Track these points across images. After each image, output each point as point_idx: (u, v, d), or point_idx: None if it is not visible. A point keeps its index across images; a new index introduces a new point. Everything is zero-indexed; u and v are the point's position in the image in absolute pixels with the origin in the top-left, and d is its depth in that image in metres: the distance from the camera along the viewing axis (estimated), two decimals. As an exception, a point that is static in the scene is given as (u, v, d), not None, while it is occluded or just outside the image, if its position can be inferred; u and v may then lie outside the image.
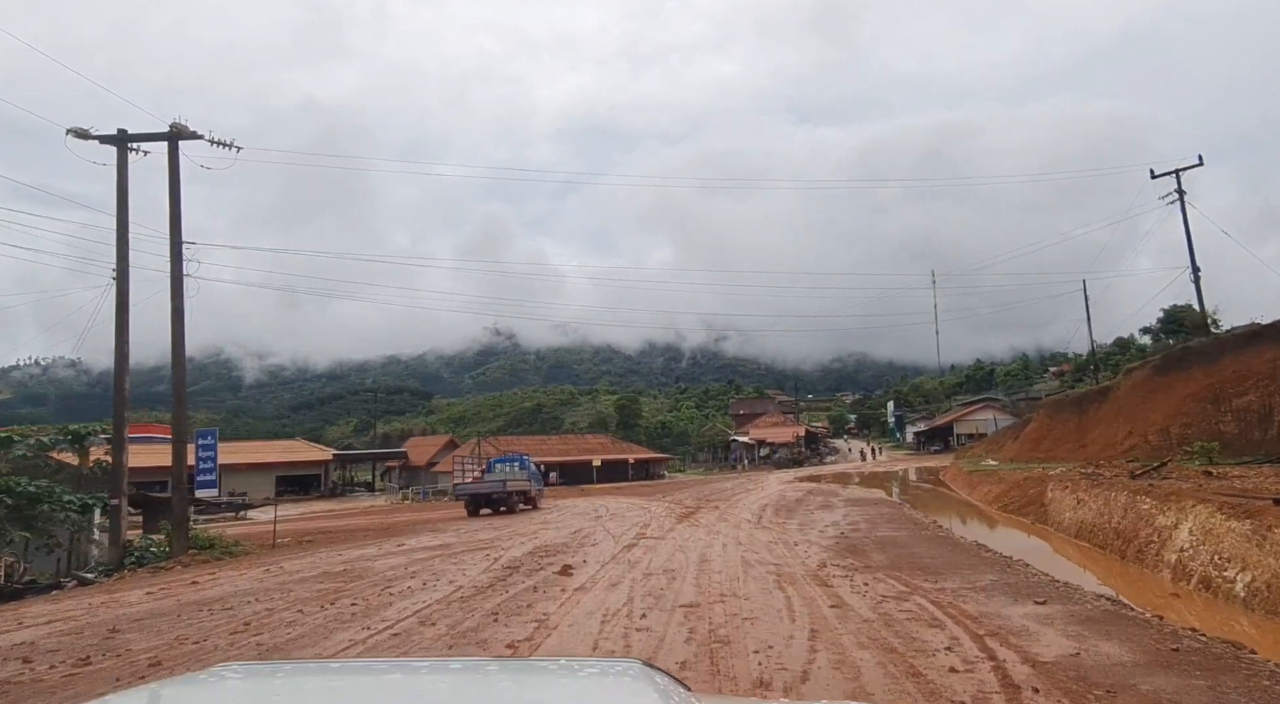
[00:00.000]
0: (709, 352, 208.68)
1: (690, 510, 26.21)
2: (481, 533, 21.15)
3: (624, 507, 29.04)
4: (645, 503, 31.14)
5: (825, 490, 36.34)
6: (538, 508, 30.22)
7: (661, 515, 24.58)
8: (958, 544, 16.24)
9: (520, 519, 25.75)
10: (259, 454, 60.33)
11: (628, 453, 69.51)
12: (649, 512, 26.12)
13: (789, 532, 18.88)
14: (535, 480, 31.30)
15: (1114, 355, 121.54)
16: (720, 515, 24.20)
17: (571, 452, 68.36)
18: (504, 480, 28.50)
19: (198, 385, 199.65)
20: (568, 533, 19.87)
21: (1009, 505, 25.48)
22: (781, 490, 36.91)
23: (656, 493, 39.48)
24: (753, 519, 22.65)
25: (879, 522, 21.09)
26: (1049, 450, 41.25)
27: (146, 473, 49.98)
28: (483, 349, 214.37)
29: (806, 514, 24.04)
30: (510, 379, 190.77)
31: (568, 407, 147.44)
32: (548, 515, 27.00)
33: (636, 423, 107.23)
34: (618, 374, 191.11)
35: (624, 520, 23.13)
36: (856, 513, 24.03)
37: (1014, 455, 42.56)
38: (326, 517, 41.44)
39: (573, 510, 28.02)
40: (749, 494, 35.14)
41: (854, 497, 32.35)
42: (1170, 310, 72.54)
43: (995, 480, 30.89)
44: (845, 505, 27.49)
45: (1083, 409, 42.30)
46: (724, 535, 18.38)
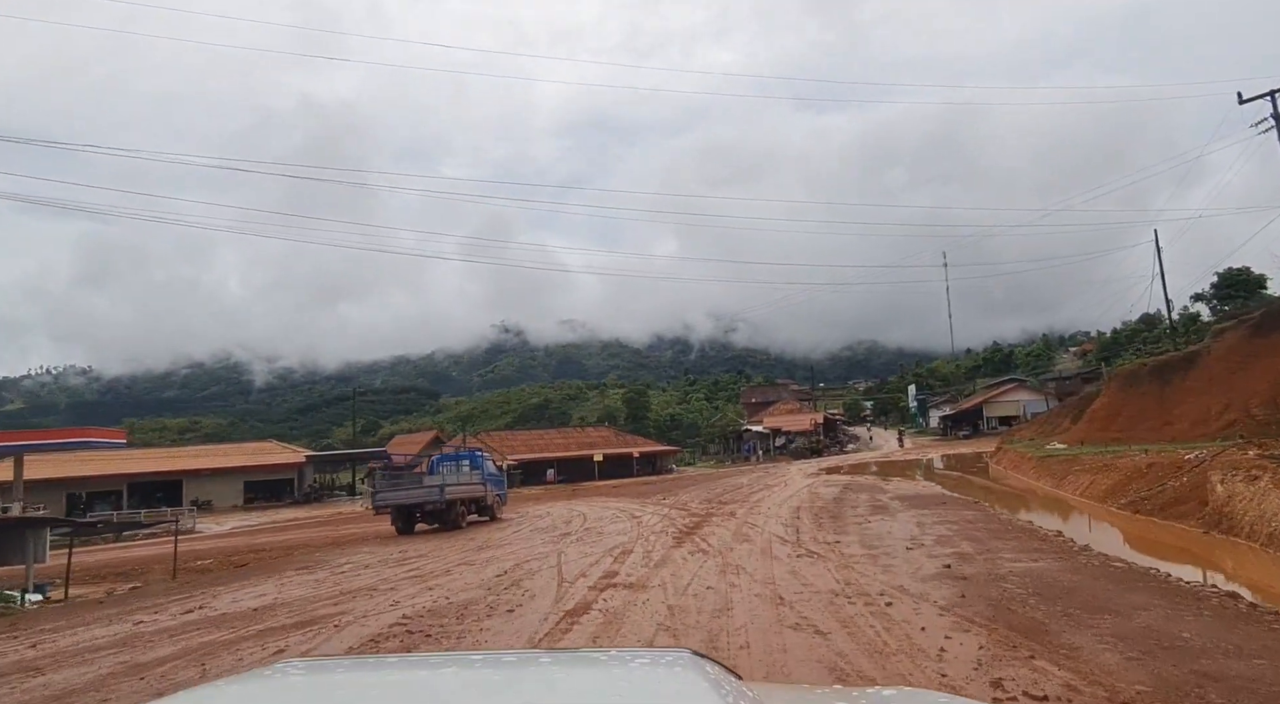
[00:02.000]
0: (718, 343, 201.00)
1: (696, 521, 18.47)
2: (361, 575, 13.35)
3: (609, 515, 21.36)
4: (640, 507, 23.47)
5: (865, 485, 28.54)
6: (497, 518, 22.77)
7: (656, 530, 16.85)
8: (1179, 590, 8.50)
9: (454, 540, 18.02)
10: (225, 458, 53.13)
11: (632, 446, 61.86)
12: (640, 524, 18.40)
13: (855, 563, 11.15)
14: (494, 484, 23.83)
15: (1140, 331, 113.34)
16: (738, 528, 16.46)
17: (571, 447, 60.78)
18: (441, 486, 20.60)
19: (207, 390, 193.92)
20: (497, 571, 12.15)
21: (1142, 504, 17.58)
22: (811, 486, 29.14)
23: (659, 492, 31.76)
24: (786, 535, 14.92)
25: (981, 537, 13.36)
26: (1125, 429, 33.35)
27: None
28: (491, 347, 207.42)
29: (861, 524, 16.30)
30: (519, 376, 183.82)
31: (575, 401, 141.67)
32: (498, 532, 19.31)
33: (645, 416, 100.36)
34: (626, 368, 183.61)
35: (598, 542, 15.42)
36: (932, 521, 16.32)
37: (1083, 437, 34.61)
38: (286, 527, 34.13)
39: (537, 524, 20.42)
40: (771, 492, 27.40)
41: (906, 492, 24.60)
42: (1226, 273, 64.36)
43: (1093, 469, 23.00)
44: (904, 507, 19.78)
45: (1165, 379, 34.39)
46: (750, 572, 10.69)
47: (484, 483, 22.22)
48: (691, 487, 34.04)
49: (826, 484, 29.84)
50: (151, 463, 51.67)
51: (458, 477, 21.61)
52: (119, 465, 50.60)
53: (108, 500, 50.30)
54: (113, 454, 53.65)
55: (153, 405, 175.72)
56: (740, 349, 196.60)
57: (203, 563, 20.85)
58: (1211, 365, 32.86)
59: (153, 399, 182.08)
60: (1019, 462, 32.86)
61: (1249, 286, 61.02)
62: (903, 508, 19.64)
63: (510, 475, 53.98)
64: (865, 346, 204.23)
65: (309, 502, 52.08)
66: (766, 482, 33.77)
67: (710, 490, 30.02)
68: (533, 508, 27.43)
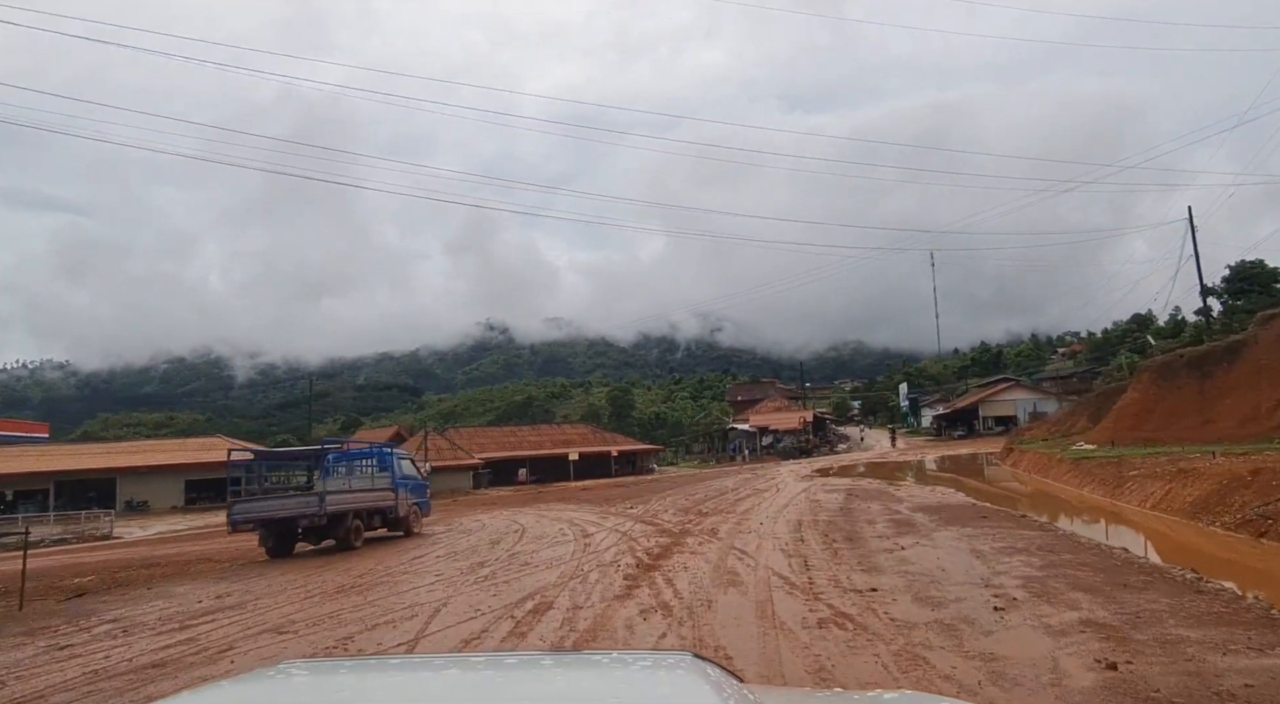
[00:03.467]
0: (704, 342, 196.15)
1: (665, 543, 13.42)
2: (97, 649, 8.14)
3: (555, 531, 16.24)
4: (600, 519, 18.39)
5: (871, 491, 23.65)
6: (412, 533, 17.75)
7: (605, 561, 11.76)
8: None
9: (325, 571, 12.72)
10: (165, 455, 47.70)
11: (611, 444, 56.79)
12: (587, 548, 13.32)
13: (921, 642, 6.20)
14: (411, 490, 18.27)
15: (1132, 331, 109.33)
16: (721, 558, 11.45)
17: (545, 445, 55.67)
18: (321, 495, 15.04)
19: (188, 385, 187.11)
20: (332, 639, 7.09)
21: (1267, 526, 12.74)
22: (808, 491, 24.20)
23: (630, 497, 26.68)
24: (792, 572, 9.96)
25: (1093, 582, 8.56)
26: (1160, 428, 28.74)
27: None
28: (476, 344, 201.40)
29: (893, 552, 11.37)
30: (504, 374, 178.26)
31: (560, 399, 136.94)
32: (395, 557, 13.90)
33: (630, 414, 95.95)
34: (612, 367, 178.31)
35: (517, 580, 10.34)
36: (989, 547, 11.49)
37: (1111, 436, 29.91)
38: (216, 532, 28.98)
39: (456, 544, 15.15)
40: (762, 499, 22.45)
41: (926, 501, 19.75)
42: (1238, 267, 60.02)
43: (1161, 475, 18.15)
44: (936, 522, 14.93)
45: (1205, 372, 29.78)
46: (739, 668, 5.64)
47: (393, 489, 16.99)
48: (670, 490, 29.00)
49: (826, 489, 24.93)
50: (82, 460, 46.16)
51: (350, 481, 16.43)
52: (46, 462, 45.22)
53: (34, 500, 44.89)
54: (40, 450, 48.22)
55: (131, 401, 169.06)
56: (726, 349, 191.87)
57: (81, 581, 15.91)
58: (1259, 356, 28.25)
59: (131, 394, 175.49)
60: (1044, 464, 28.07)
61: (1263, 280, 56.74)
62: (935, 524, 14.74)
63: (479, 475, 48.86)
64: (851, 347, 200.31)
65: (257, 502, 46.76)
66: (756, 485, 28.80)
67: (690, 496, 25.01)
68: (471, 517, 22.30)
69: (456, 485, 45.54)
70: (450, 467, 45.69)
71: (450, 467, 45.69)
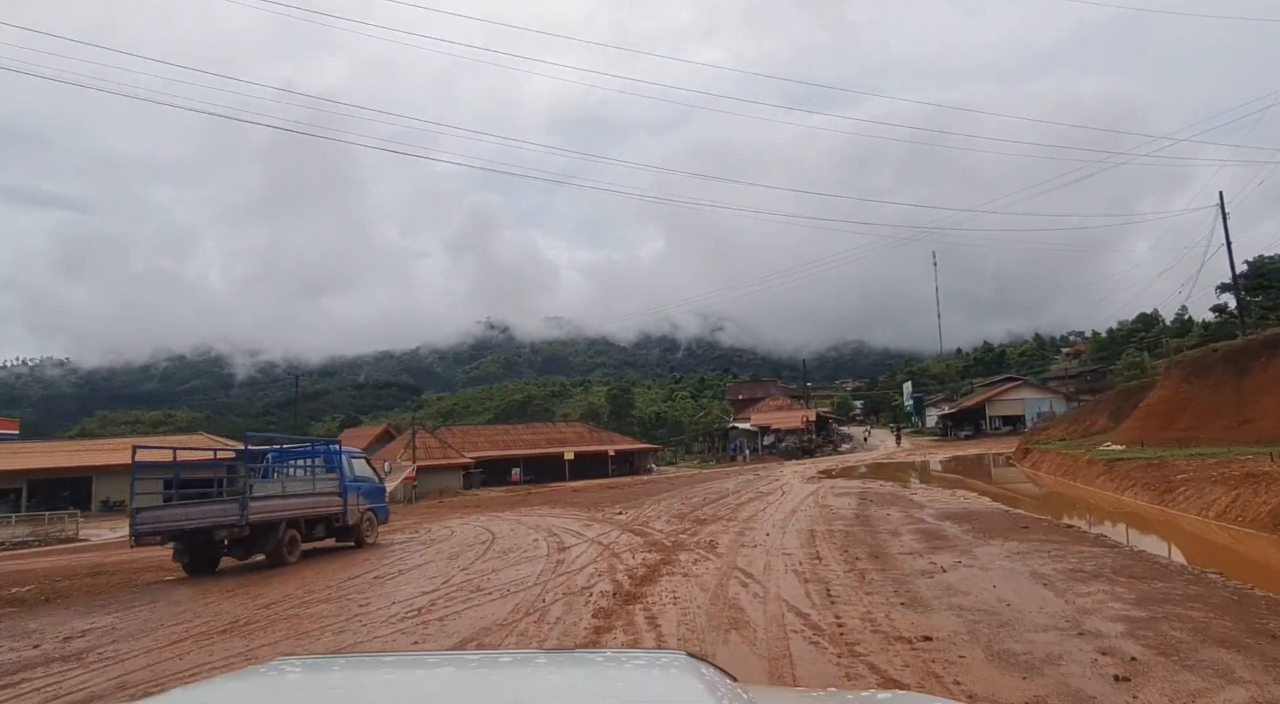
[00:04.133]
0: (705, 342, 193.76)
1: (654, 562, 11.07)
2: None
3: (528, 544, 13.89)
4: (583, 528, 16.04)
5: (886, 495, 21.31)
6: (365, 543, 15.32)
7: (577, 586, 9.39)
8: None
9: (235, 596, 10.25)
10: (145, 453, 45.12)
11: (608, 443, 54.45)
12: (559, 568, 10.94)
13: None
14: (365, 494, 15.55)
15: (1138, 331, 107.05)
16: (720, 582, 9.13)
17: (540, 444, 53.35)
18: (242, 500, 12.43)
19: (188, 384, 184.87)
20: None
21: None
22: (816, 495, 21.86)
23: (623, 500, 24.33)
24: (813, 607, 7.63)
25: (1232, 633, 6.13)
26: (1193, 428, 26.36)
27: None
28: (476, 343, 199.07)
29: (933, 576, 9.06)
30: (504, 373, 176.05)
31: (559, 398, 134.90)
32: (326, 578, 11.29)
33: (629, 414, 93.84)
34: (612, 366, 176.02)
35: (465, 616, 7.98)
36: (1052, 570, 9.24)
37: (1138, 436, 27.53)
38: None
39: (407, 561, 12.75)
40: (766, 504, 20.12)
41: (950, 507, 17.44)
42: (1256, 262, 57.64)
43: (1224, 481, 15.81)
44: (973, 535, 12.62)
45: (1242, 368, 27.37)
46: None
47: (341, 493, 14.51)
48: (666, 493, 26.64)
49: (835, 492, 22.58)
50: (57, 458, 43.87)
51: (285, 484, 13.95)
52: (19, 461, 42.94)
53: (6, 500, 42.65)
54: (13, 448, 45.95)
55: (130, 398, 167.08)
56: (727, 348, 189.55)
57: (19, 591, 13.69)
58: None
59: (131, 392, 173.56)
60: (1070, 466, 25.72)
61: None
62: (971, 536, 12.42)
63: (470, 475, 46.56)
64: (851, 347, 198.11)
65: (238, 502, 44.51)
66: (759, 487, 26.45)
67: (687, 500, 22.66)
68: (444, 523, 19.95)
69: (446, 485, 43.28)
70: (440, 466, 43.41)
71: (440, 466, 43.41)
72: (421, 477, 41.14)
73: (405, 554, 13.52)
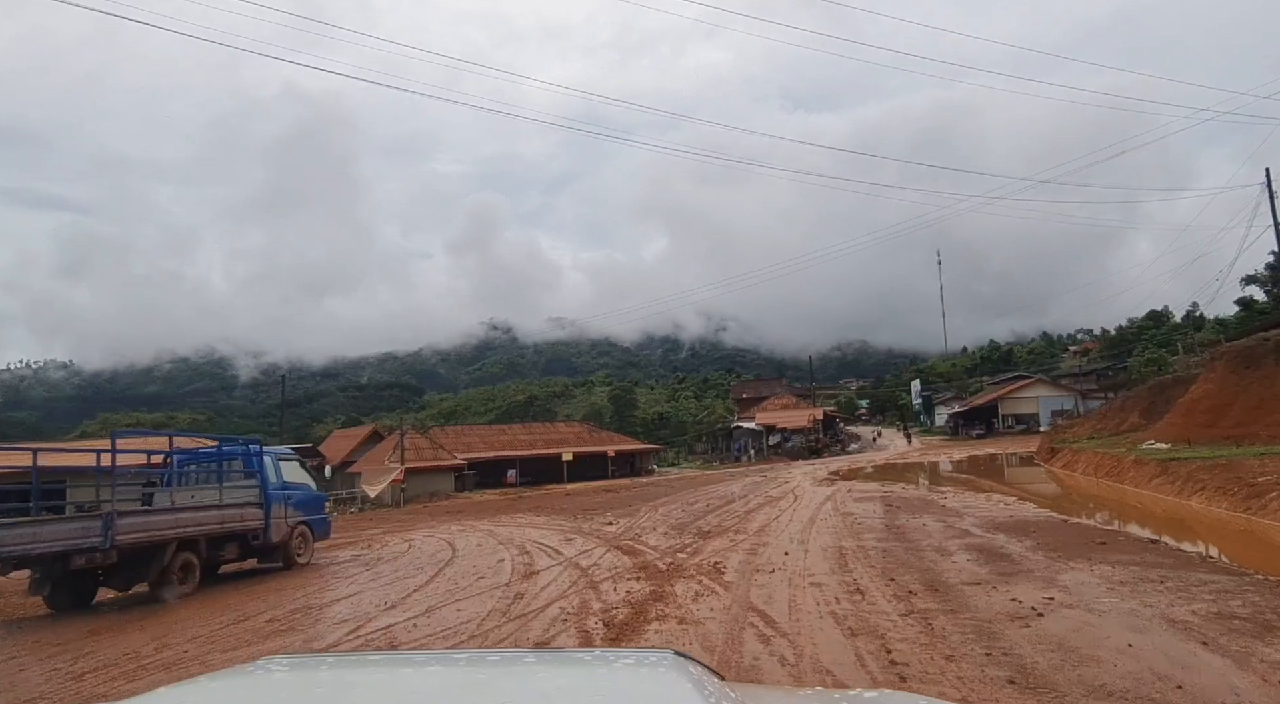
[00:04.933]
0: (708, 342, 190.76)
1: (648, 588, 8.48)
2: None
3: (490, 565, 11.22)
4: (563, 543, 13.39)
5: (914, 500, 18.66)
6: (295, 563, 12.61)
7: (532, 637, 6.72)
8: None
9: (59, 648, 7.72)
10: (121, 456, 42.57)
11: (607, 444, 51.75)
12: (520, 602, 8.30)
13: None
14: (294, 504, 12.71)
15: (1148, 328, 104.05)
16: (733, 626, 6.51)
17: (538, 444, 50.69)
18: (107, 517, 9.65)
19: (191, 385, 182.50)
20: None
21: None
22: (833, 500, 19.18)
23: (616, 506, 21.65)
24: (859, 653, 4.96)
25: None
26: (1243, 423, 23.66)
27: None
28: (480, 343, 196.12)
29: (1022, 620, 6.39)
30: (508, 373, 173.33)
31: (562, 399, 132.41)
32: (208, 618, 8.86)
33: (632, 414, 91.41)
34: (616, 366, 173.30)
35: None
36: (1172, 604, 6.73)
37: (1182, 433, 24.80)
38: None
39: (328, 590, 10.10)
40: (778, 511, 17.46)
41: (993, 515, 14.78)
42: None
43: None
44: (1034, 551, 10.11)
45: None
46: None
47: (261, 504, 11.68)
48: (665, 497, 23.95)
49: (855, 497, 19.90)
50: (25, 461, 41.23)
51: (174, 495, 11.02)
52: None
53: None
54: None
55: (134, 400, 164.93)
56: (731, 348, 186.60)
57: None
58: (1366, 339, 23.34)
59: (134, 394, 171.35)
60: (1112, 466, 22.99)
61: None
62: (1044, 557, 9.76)
63: (463, 477, 43.95)
64: (855, 347, 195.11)
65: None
66: (768, 491, 23.76)
67: (688, 506, 19.98)
68: (409, 534, 17.22)
69: (437, 488, 40.67)
70: (430, 468, 40.78)
71: (430, 468, 40.78)
72: (411, 479, 38.56)
73: (335, 582, 10.87)
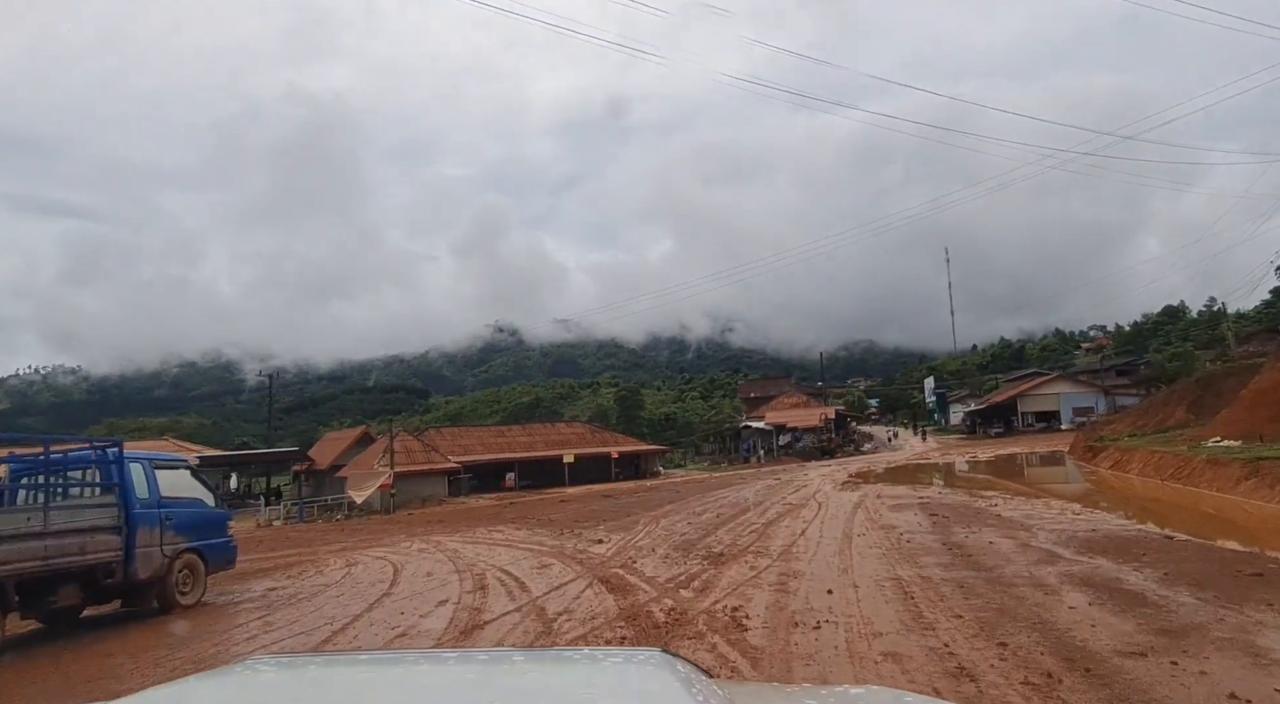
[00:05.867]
0: (715, 343, 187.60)
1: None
2: None
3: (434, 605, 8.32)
4: (532, 573, 10.36)
5: (955, 507, 15.65)
6: (175, 605, 9.23)
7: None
8: None
9: None
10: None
11: (610, 445, 48.78)
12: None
13: None
14: (176, 526, 9.27)
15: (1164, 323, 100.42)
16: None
17: (538, 446, 47.78)
18: None
19: (198, 390, 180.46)
20: None
21: None
22: (862, 507, 16.15)
23: (614, 515, 18.65)
24: None
25: None
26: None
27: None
28: (485, 346, 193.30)
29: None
30: (514, 375, 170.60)
31: (567, 400, 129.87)
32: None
33: (638, 415, 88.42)
34: (622, 368, 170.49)
35: None
36: None
37: (1247, 428, 21.64)
38: None
39: (173, 658, 7.08)
40: (802, 521, 14.47)
41: (1067, 529, 11.82)
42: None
43: None
44: (1188, 591, 6.94)
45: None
46: None
47: (122, 527, 8.53)
48: (669, 504, 20.91)
49: (887, 503, 16.89)
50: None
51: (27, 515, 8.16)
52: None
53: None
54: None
55: (141, 405, 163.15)
56: (737, 349, 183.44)
57: None
58: None
59: (142, 399, 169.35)
60: (1176, 467, 19.89)
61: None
62: (1192, 596, 6.77)
63: (459, 482, 41.10)
64: (862, 347, 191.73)
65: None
66: (785, 496, 20.73)
67: (696, 516, 16.97)
68: (356, 556, 14.13)
69: (430, 493, 37.78)
70: (422, 472, 37.89)
71: (422, 472, 37.89)
72: (401, 484, 35.65)
73: (199, 637, 7.79)
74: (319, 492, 43.25)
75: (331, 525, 29.47)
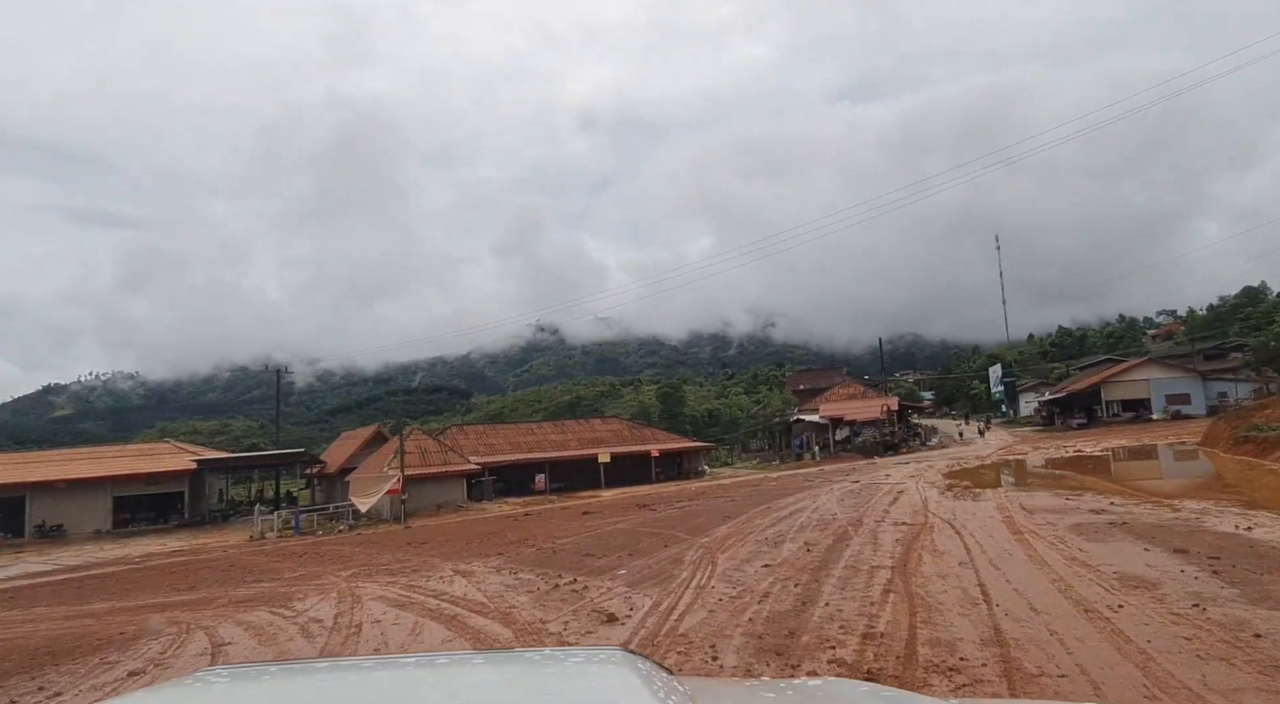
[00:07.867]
0: (757, 338, 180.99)
1: None
2: None
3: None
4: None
5: (1178, 529, 9.68)
6: None
7: None
8: None
9: None
10: (91, 466, 35.98)
11: (650, 442, 43.23)
12: None
13: None
14: None
15: (1243, 306, 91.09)
16: None
17: (571, 445, 42.47)
18: None
19: (249, 393, 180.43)
20: None
21: None
22: (1016, 526, 10.28)
23: (651, 533, 13.10)
24: None
25: None
26: None
27: None
28: (527, 346, 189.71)
29: None
30: (555, 375, 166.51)
31: (608, 398, 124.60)
32: None
33: (680, 412, 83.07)
34: (664, 365, 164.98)
35: None
36: None
37: None
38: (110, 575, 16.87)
39: None
40: (943, 556, 8.77)
41: None
42: None
43: None
44: None
45: None
46: None
47: None
48: (724, 524, 15.13)
49: (1047, 520, 11.00)
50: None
51: None
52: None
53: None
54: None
55: (195, 409, 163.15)
56: (779, 344, 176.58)
57: None
58: None
59: (196, 403, 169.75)
60: None
61: None
62: None
63: (479, 484, 36.00)
64: (907, 340, 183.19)
65: (204, 523, 34.83)
66: (885, 508, 14.89)
67: (772, 547, 11.26)
68: (245, 615, 8.74)
69: (447, 498, 32.78)
70: (436, 475, 32.85)
71: (436, 475, 32.85)
72: (414, 488, 30.55)
73: None
74: (331, 497, 38.70)
75: (330, 538, 24.55)
